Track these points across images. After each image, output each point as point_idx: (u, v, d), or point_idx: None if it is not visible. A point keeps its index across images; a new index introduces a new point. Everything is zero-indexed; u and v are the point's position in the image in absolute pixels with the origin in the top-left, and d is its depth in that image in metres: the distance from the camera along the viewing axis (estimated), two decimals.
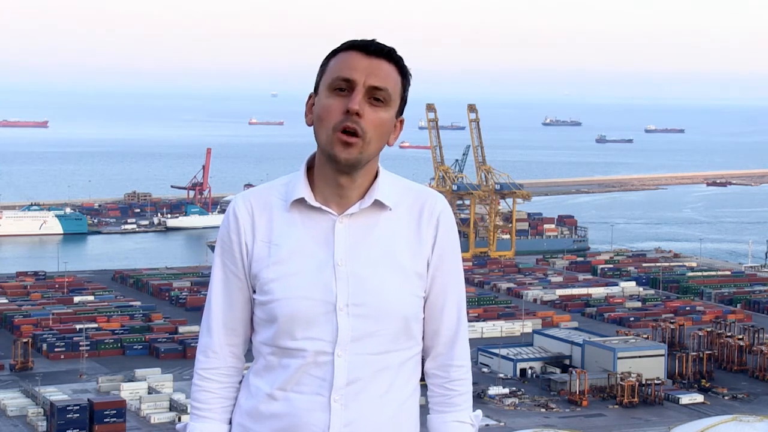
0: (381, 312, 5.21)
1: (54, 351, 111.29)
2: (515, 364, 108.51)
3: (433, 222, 5.34)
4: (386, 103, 5.15)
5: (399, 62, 5.21)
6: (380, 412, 5.26)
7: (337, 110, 5.10)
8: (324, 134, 5.15)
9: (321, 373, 5.20)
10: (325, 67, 5.21)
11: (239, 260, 5.35)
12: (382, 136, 5.20)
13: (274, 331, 5.26)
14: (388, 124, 5.20)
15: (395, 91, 5.18)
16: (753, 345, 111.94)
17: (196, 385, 5.49)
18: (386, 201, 5.27)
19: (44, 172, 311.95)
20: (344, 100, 5.10)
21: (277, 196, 5.33)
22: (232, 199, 5.47)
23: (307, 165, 5.35)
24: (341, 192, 5.24)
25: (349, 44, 5.20)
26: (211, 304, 5.45)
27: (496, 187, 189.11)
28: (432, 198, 5.38)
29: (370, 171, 5.28)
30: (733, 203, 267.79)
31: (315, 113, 5.19)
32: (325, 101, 5.15)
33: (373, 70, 5.12)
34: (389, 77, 5.15)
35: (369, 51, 5.15)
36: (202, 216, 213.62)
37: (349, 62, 5.13)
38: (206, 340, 5.47)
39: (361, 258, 5.22)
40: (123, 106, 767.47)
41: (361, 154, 5.14)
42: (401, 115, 5.29)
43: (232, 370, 5.49)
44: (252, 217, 5.32)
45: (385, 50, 5.18)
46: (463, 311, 5.50)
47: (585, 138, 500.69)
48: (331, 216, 5.24)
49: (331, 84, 5.13)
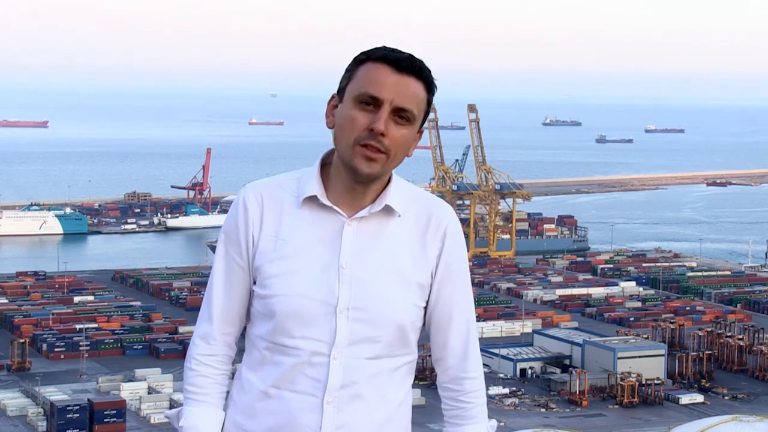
0: (380, 318, 5.21)
1: (54, 351, 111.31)
2: (515, 364, 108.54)
3: (440, 234, 5.32)
4: (410, 121, 5.11)
5: (428, 79, 5.15)
6: (373, 416, 5.26)
7: (362, 125, 5.05)
8: (344, 144, 5.11)
9: (315, 373, 5.20)
10: (353, 72, 5.13)
11: (244, 251, 5.32)
12: (405, 151, 5.17)
13: (272, 326, 5.25)
14: (411, 139, 5.17)
15: (420, 109, 5.13)
16: (753, 345, 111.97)
17: (193, 370, 5.45)
18: (396, 207, 5.25)
19: (44, 172, 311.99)
20: (369, 115, 5.05)
21: (288, 191, 5.30)
22: (242, 189, 5.42)
23: (321, 162, 5.31)
24: (354, 195, 5.24)
25: (380, 55, 5.10)
26: (212, 292, 5.43)
27: (496, 187, 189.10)
28: (440, 209, 5.35)
29: (384, 178, 5.27)
30: (733, 203, 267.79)
31: (338, 121, 5.14)
32: (350, 112, 5.08)
33: (401, 90, 5.05)
34: (416, 97, 5.10)
35: (400, 67, 5.08)
36: (202, 216, 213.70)
37: (378, 78, 5.05)
38: (207, 327, 5.44)
39: (365, 263, 5.21)
40: (123, 106, 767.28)
41: (384, 169, 5.13)
42: (422, 127, 5.25)
43: (226, 359, 5.49)
44: (261, 208, 5.30)
45: (416, 68, 5.11)
46: (473, 323, 5.48)
47: (585, 138, 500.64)
48: (340, 217, 5.23)
49: (358, 97, 5.06)
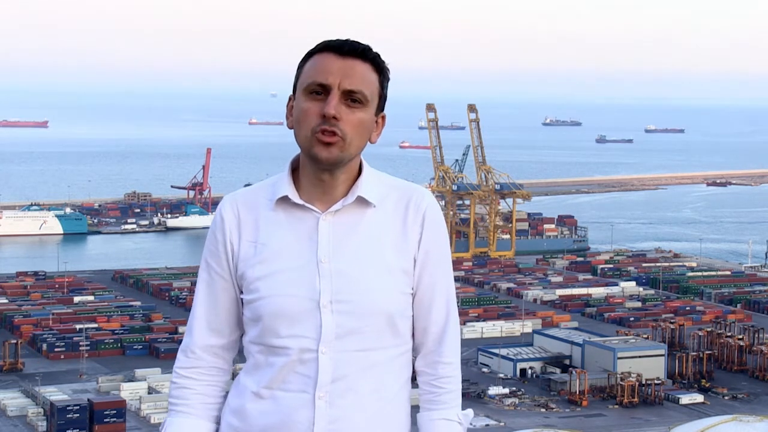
0: (365, 309, 5.20)
1: (54, 351, 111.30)
2: (515, 364, 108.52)
3: (419, 218, 5.31)
4: (363, 103, 5.12)
5: (375, 60, 5.17)
6: (366, 409, 5.24)
7: (314, 114, 5.09)
8: (303, 137, 5.15)
9: (306, 370, 5.19)
10: (301, 69, 5.19)
11: (224, 261, 5.35)
12: (363, 135, 5.17)
13: (260, 329, 5.26)
14: (368, 123, 5.17)
15: (372, 90, 5.15)
16: (753, 345, 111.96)
17: (174, 383, 5.49)
18: (369, 198, 5.25)
19: (44, 172, 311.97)
20: (320, 104, 5.09)
21: (264, 195, 5.34)
22: (221, 201, 5.50)
23: (292, 166, 5.34)
24: (325, 189, 5.24)
25: (323, 45, 5.17)
26: (195, 305, 5.48)
27: (496, 187, 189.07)
28: (418, 194, 5.33)
29: (352, 168, 5.26)
30: (733, 203, 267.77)
31: (294, 117, 5.19)
32: (302, 105, 5.13)
33: (347, 72, 5.09)
34: (364, 78, 5.12)
35: (343, 51, 5.11)
36: (202, 216, 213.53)
37: (323, 65, 5.10)
38: (187, 340, 5.50)
39: (344, 255, 5.21)
40: (123, 106, 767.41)
41: (342, 153, 5.12)
42: (382, 111, 5.25)
43: (213, 370, 5.49)
44: (238, 217, 5.33)
45: (359, 49, 5.14)
46: (453, 308, 5.44)
47: (585, 138, 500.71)
48: (314, 213, 5.25)
49: (307, 88, 5.12)
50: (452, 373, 5.45)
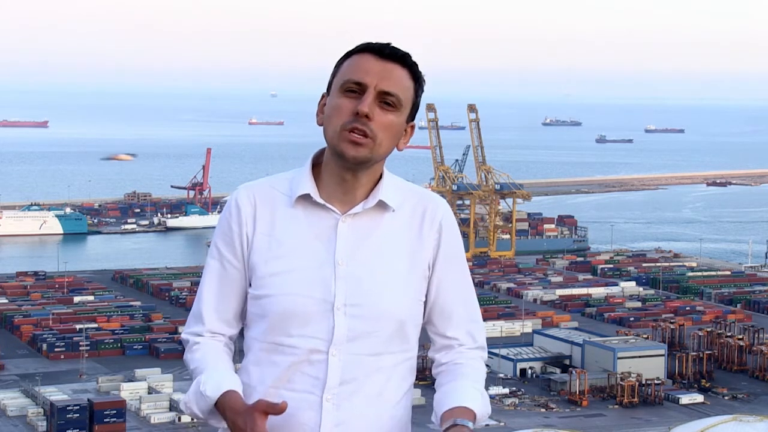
0: (377, 313, 5.19)
1: (54, 351, 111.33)
2: (515, 364, 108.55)
3: (436, 226, 5.31)
4: (396, 107, 5.13)
5: (413, 68, 5.19)
6: (372, 412, 5.24)
7: (347, 111, 5.08)
8: (332, 132, 5.12)
9: (314, 371, 5.17)
10: (339, 68, 5.19)
11: (239, 251, 5.29)
12: (392, 138, 5.17)
13: (268, 326, 5.22)
14: (398, 127, 5.17)
15: (406, 96, 5.16)
16: (753, 345, 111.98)
17: (192, 351, 5.37)
18: (390, 202, 5.25)
19: (44, 172, 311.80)
20: (355, 101, 5.08)
21: (281, 190, 5.31)
22: (235, 190, 5.43)
23: (313, 162, 5.32)
24: (346, 190, 5.22)
25: (363, 46, 5.18)
26: (203, 294, 5.38)
27: (496, 187, 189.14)
28: (434, 202, 5.35)
29: (375, 171, 5.25)
30: (733, 203, 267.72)
31: (326, 113, 5.18)
32: (335, 101, 5.13)
33: (385, 75, 5.10)
34: (401, 82, 5.13)
35: (383, 54, 5.13)
36: (202, 216, 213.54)
37: (362, 65, 5.11)
38: (198, 328, 5.39)
39: (361, 258, 5.20)
40: (123, 106, 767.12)
41: (371, 154, 5.12)
42: (412, 120, 5.25)
43: (226, 347, 5.39)
44: (254, 208, 5.29)
45: (399, 54, 5.15)
46: (478, 312, 5.46)
47: (585, 138, 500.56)
48: (334, 214, 5.22)
49: (343, 85, 5.11)
50: (480, 356, 5.45)
